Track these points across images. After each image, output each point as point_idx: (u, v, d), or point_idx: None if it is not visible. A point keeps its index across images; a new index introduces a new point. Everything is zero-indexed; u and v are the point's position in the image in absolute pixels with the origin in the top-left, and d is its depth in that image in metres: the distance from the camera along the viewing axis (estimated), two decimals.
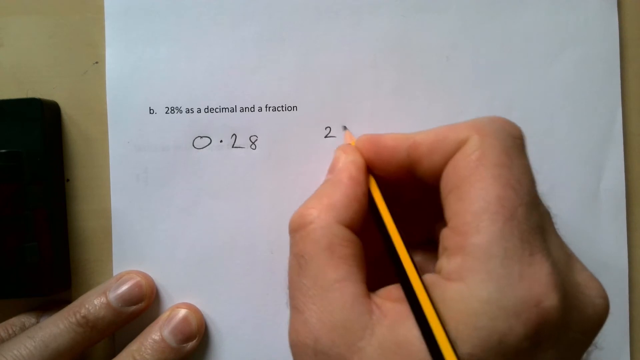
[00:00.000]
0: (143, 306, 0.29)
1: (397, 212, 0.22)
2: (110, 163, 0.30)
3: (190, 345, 0.28)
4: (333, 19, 0.30)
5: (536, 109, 0.30)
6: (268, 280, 0.30)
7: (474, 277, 0.17)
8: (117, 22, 0.30)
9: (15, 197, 0.28)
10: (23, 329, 0.29)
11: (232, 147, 0.30)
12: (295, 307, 0.20)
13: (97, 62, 0.30)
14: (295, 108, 0.30)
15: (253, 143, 0.30)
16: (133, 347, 0.27)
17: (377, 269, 0.22)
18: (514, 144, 0.20)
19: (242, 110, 0.30)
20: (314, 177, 0.30)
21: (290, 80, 0.30)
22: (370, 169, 0.23)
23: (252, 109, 0.30)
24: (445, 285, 0.18)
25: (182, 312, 0.29)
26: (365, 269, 0.21)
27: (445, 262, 0.19)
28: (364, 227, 0.22)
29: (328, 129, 0.30)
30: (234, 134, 0.30)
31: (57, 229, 0.30)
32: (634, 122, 0.30)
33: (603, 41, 0.30)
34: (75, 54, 0.30)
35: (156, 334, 0.28)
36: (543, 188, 0.30)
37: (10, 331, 0.29)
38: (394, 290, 0.20)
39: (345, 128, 0.29)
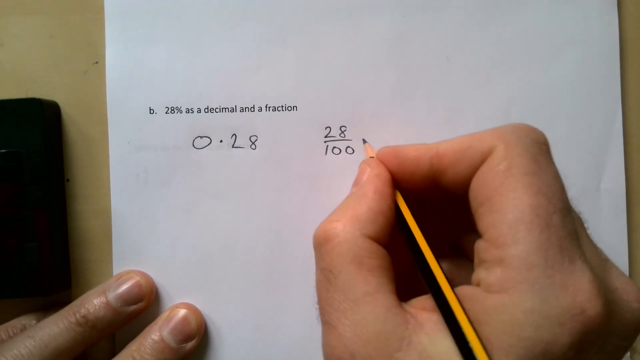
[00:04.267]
0: (143, 306, 0.29)
1: (420, 222, 0.22)
2: (110, 163, 0.30)
3: (190, 345, 0.28)
4: (333, 19, 0.30)
5: (536, 109, 0.30)
6: (268, 280, 0.30)
7: (517, 288, 0.17)
8: (117, 22, 0.30)
9: (15, 197, 0.28)
10: (24, 330, 0.29)
11: (232, 147, 0.30)
12: (327, 322, 0.20)
13: (97, 62, 0.30)
14: (295, 108, 0.30)
15: (253, 143, 0.30)
16: (133, 347, 0.27)
17: (406, 280, 0.21)
18: (540, 150, 0.20)
19: (242, 110, 0.30)
20: (313, 178, 0.30)
21: (290, 80, 0.30)
22: (395, 182, 0.23)
23: (252, 109, 0.30)
24: (486, 298, 0.18)
25: (182, 312, 0.29)
26: (395, 280, 0.20)
27: (484, 274, 0.18)
28: (391, 240, 0.21)
29: (328, 129, 0.30)
30: (234, 134, 0.30)
31: (57, 229, 0.30)
32: (634, 122, 0.30)
33: (603, 41, 0.30)
34: (75, 54, 0.30)
35: (156, 334, 0.28)
36: None
37: (11, 333, 0.29)
38: (428, 301, 0.20)
39: (365, 141, 0.29)
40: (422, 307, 0.19)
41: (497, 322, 0.17)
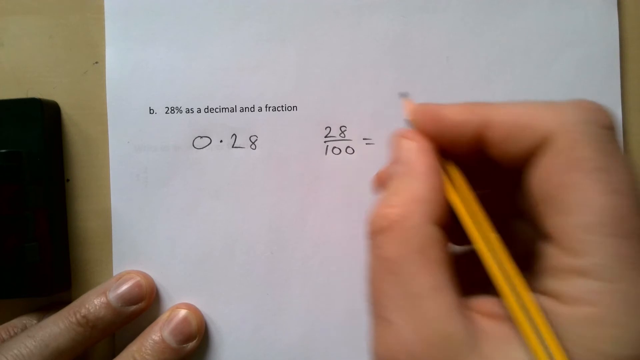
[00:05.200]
0: (143, 306, 0.29)
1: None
2: (110, 163, 0.30)
3: (191, 345, 0.28)
4: (333, 19, 0.30)
5: None
6: (268, 280, 0.30)
7: (600, 301, 0.16)
8: (117, 22, 0.30)
9: (15, 197, 0.28)
10: (24, 330, 0.29)
11: (232, 147, 0.30)
12: (382, 316, 0.18)
13: (97, 62, 0.30)
14: (295, 108, 0.30)
15: (253, 143, 0.30)
16: (133, 348, 0.27)
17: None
18: (608, 138, 0.17)
19: (242, 110, 0.30)
20: (313, 178, 0.30)
21: (290, 80, 0.30)
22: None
23: (252, 109, 0.30)
24: (563, 309, 0.16)
25: (182, 312, 0.29)
26: (457, 275, 0.18)
27: (558, 285, 0.17)
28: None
29: (328, 129, 0.30)
30: (234, 134, 0.30)
31: (57, 229, 0.30)
32: (634, 122, 0.30)
33: (603, 41, 0.30)
34: (75, 54, 0.30)
35: (156, 335, 0.28)
36: None
37: (12, 332, 0.29)
38: (492, 306, 0.18)
39: (405, 95, 0.25)
40: (487, 312, 0.18)
41: (575, 336, 0.16)
